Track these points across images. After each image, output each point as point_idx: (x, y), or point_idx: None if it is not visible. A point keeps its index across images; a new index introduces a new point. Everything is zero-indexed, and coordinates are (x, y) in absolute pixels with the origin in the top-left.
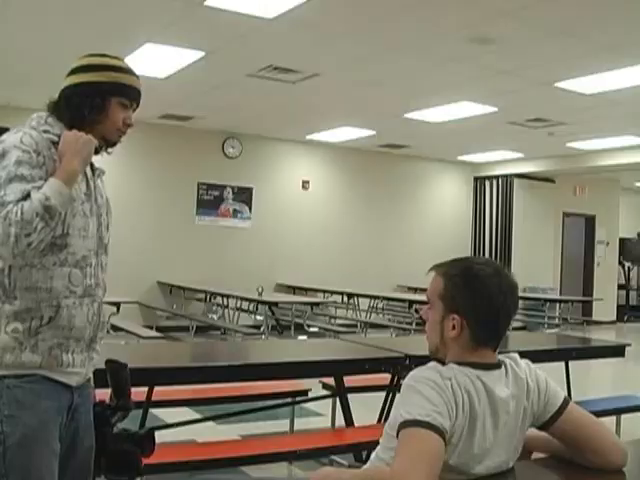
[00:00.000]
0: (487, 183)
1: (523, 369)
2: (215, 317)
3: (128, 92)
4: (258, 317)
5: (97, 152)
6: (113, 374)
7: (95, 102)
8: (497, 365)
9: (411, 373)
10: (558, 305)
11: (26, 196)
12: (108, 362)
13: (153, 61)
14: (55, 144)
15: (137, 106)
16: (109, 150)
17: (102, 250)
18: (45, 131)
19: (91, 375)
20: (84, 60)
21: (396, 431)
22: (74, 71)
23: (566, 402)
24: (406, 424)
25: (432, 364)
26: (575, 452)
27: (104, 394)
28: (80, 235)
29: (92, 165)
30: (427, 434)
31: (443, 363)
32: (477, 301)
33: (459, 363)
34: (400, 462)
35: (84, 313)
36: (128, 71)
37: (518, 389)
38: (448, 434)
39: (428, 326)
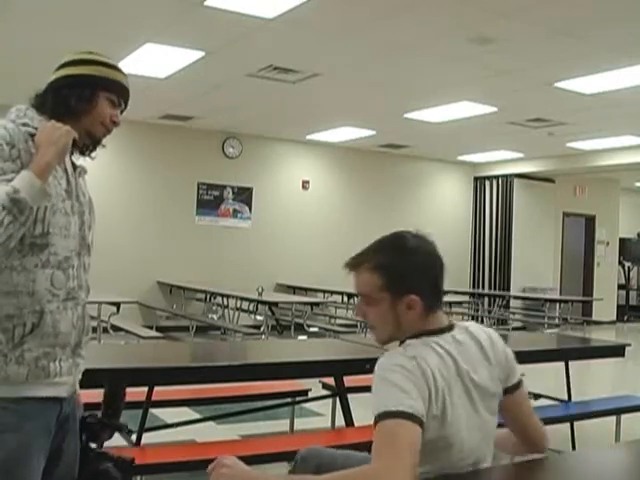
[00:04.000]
0: (487, 183)
1: (483, 332)
2: (215, 317)
3: (117, 88)
4: (258, 317)
5: (82, 152)
6: (111, 393)
7: (84, 93)
8: (450, 327)
9: (378, 362)
10: (558, 305)
11: None
12: (107, 379)
13: (153, 61)
14: (33, 137)
15: (125, 106)
16: (92, 155)
17: (85, 250)
18: (23, 124)
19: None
20: (73, 55)
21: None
22: (63, 65)
23: (520, 382)
24: (380, 417)
25: (396, 349)
26: (513, 432)
27: (90, 394)
28: (62, 234)
29: (73, 163)
30: (402, 424)
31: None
32: (422, 274)
33: (416, 336)
34: (380, 457)
35: (69, 318)
36: (117, 69)
37: (479, 351)
38: (426, 418)
39: (375, 320)
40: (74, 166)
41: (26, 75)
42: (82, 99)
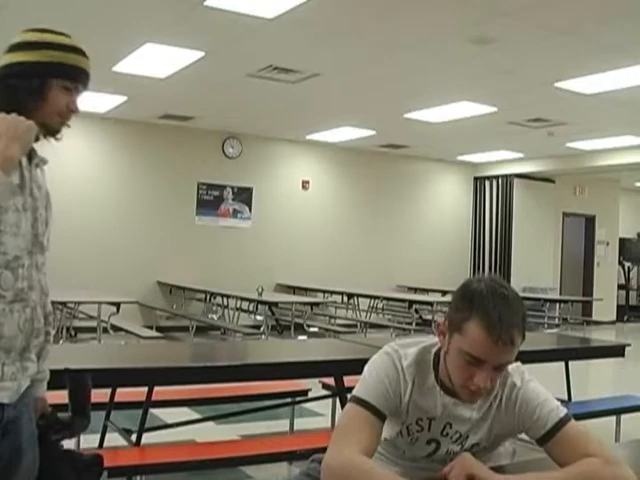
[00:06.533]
0: (487, 183)
1: None
2: (215, 317)
3: (71, 73)
4: (258, 317)
5: (37, 139)
6: (74, 387)
7: (33, 85)
8: None
9: (522, 378)
10: (558, 305)
11: None
12: (67, 371)
13: (153, 61)
14: None
15: (84, 89)
16: (57, 136)
17: (37, 249)
18: None
19: (35, 382)
20: (22, 36)
21: (548, 429)
22: (11, 49)
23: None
24: (568, 416)
25: (518, 368)
26: None
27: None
28: (12, 232)
29: (30, 152)
30: None
31: None
32: None
33: None
34: (599, 446)
35: (14, 321)
36: (73, 49)
37: None
38: None
39: (495, 382)
40: (30, 156)
41: None
42: (32, 92)
